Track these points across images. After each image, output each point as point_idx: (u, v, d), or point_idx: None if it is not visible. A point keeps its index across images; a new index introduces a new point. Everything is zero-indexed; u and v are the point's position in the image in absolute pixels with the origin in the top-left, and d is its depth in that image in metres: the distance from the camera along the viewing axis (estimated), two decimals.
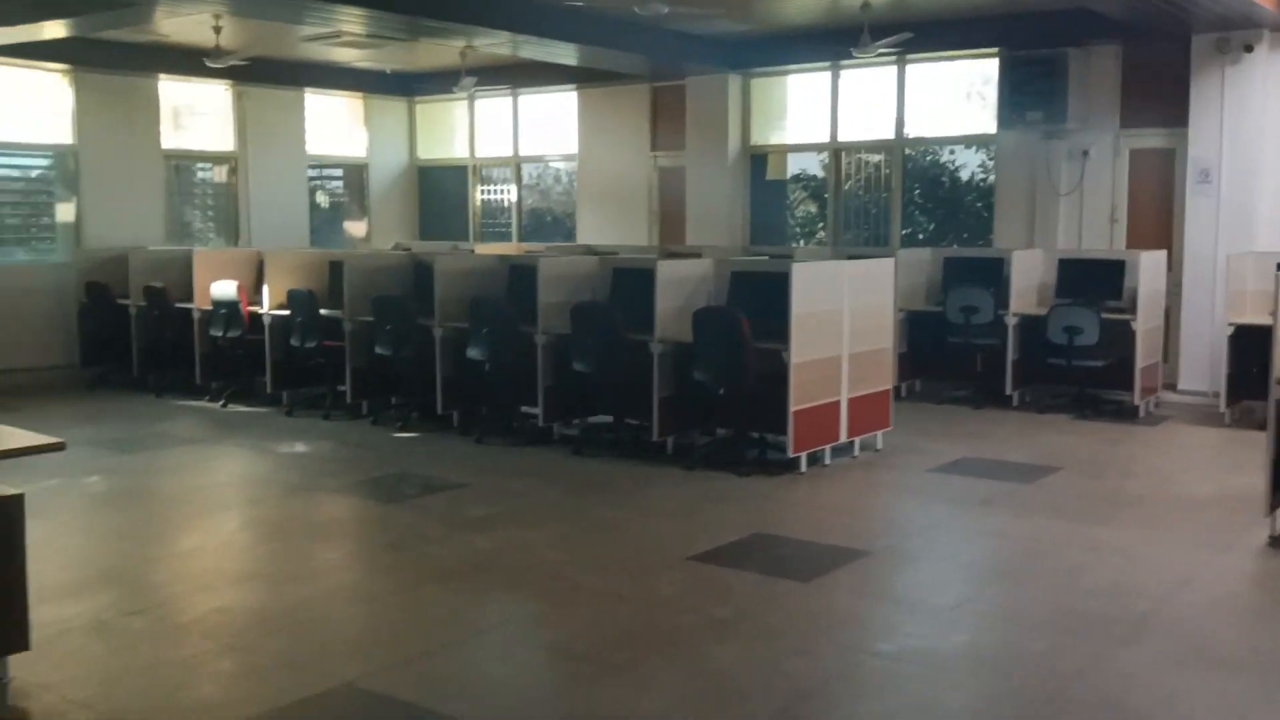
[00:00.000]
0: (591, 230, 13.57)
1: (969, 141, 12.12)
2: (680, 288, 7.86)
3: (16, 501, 4.01)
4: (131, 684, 4.08)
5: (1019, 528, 6.11)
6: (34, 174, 11.92)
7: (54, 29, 9.66)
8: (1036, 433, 8.74)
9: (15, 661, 4.03)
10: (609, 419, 8.41)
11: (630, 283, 8.40)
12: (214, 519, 6.43)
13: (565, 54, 11.61)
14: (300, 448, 8.41)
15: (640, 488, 7.04)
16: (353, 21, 10.08)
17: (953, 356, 10.10)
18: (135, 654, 4.36)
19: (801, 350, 7.16)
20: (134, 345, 10.97)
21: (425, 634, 4.59)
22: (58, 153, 11.81)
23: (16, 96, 11.52)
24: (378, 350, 8.98)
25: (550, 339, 8.17)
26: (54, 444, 4.01)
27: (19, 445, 3.97)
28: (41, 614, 4.65)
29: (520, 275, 8.90)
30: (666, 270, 7.76)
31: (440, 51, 12.35)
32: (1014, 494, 6.81)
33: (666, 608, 4.85)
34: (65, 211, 11.91)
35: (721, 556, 5.51)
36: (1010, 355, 9.58)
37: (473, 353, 8.39)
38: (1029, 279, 9.85)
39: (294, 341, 9.51)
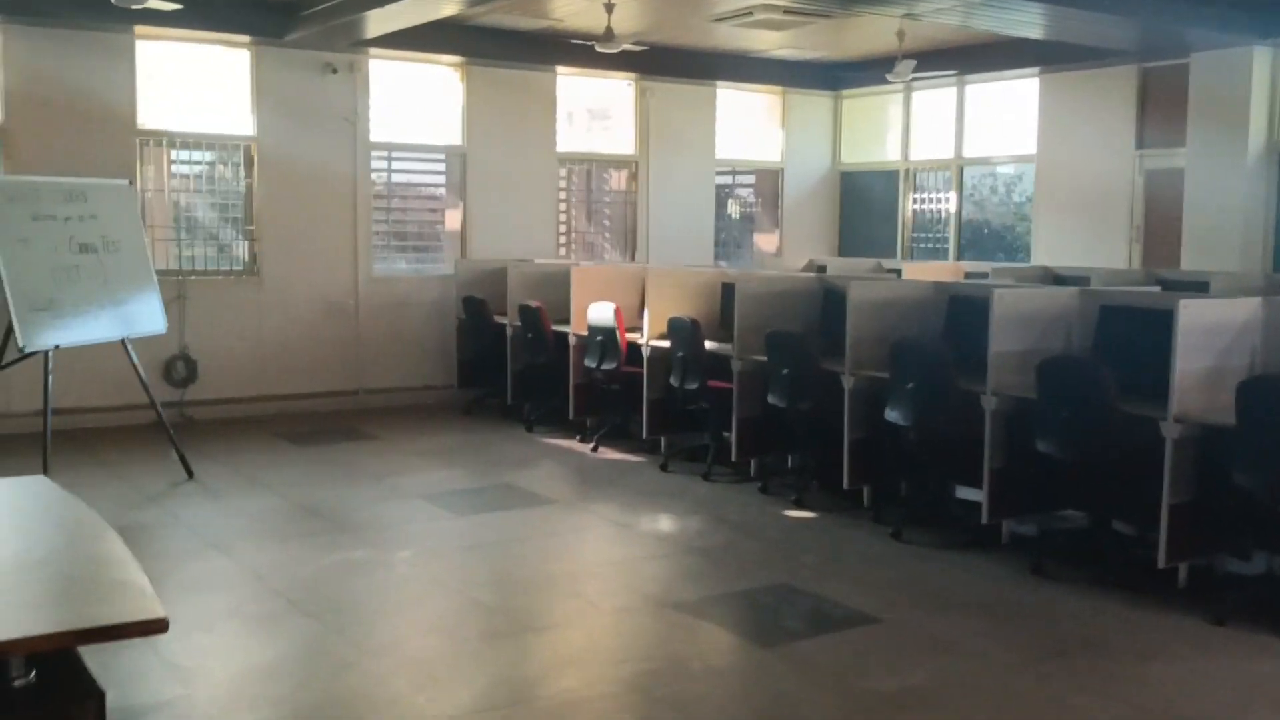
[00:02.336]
0: (1051, 248, 10.92)
1: None
2: (1216, 338, 5.27)
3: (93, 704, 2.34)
4: None
5: None
6: (425, 178, 11.01)
7: (450, 3, 8.44)
8: None
9: None
10: (1082, 516, 5.96)
11: (1125, 327, 5.89)
12: (510, 647, 4.64)
13: (1029, 23, 9.12)
14: (666, 524, 6.59)
15: (1144, 657, 4.55)
16: None
17: None
18: None
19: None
20: (509, 369, 9.71)
21: None
22: (448, 155, 10.82)
23: (412, 95, 10.63)
24: (771, 400, 7.01)
25: (1004, 402, 5.81)
26: (153, 622, 2.30)
27: (109, 622, 2.30)
28: None
29: (963, 310, 6.61)
30: (1196, 313, 5.19)
31: (872, 31, 10.23)
32: None
33: None
34: (452, 219, 10.90)
35: None
36: None
37: (893, 414, 6.20)
38: None
39: (673, 380, 7.75)
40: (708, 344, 7.61)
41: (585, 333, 8.59)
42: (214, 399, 9.64)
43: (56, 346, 6.66)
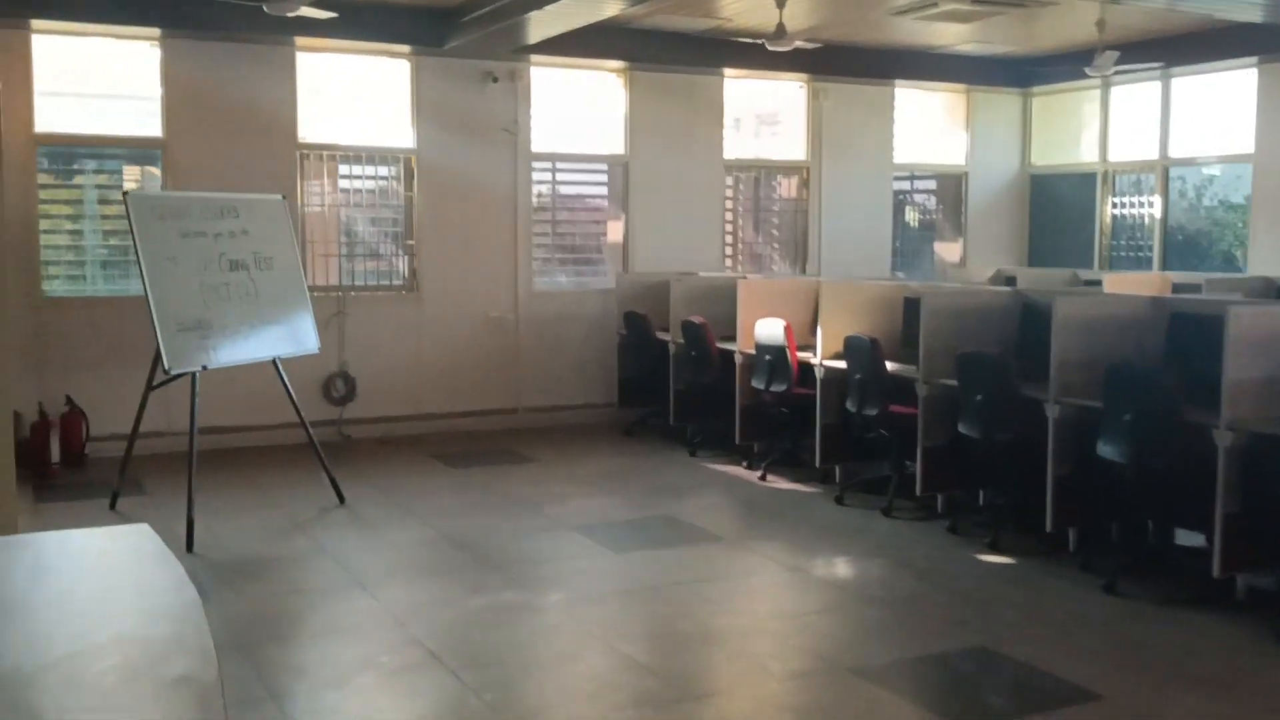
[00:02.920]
0: (1270, 256, 9.83)
1: None
2: None
3: None
4: None
5: None
6: (587, 189, 10.60)
7: (613, 2, 7.98)
8: None
9: None
10: None
11: None
12: (668, 719, 4.10)
13: (1247, 6, 8.17)
14: (843, 568, 5.95)
15: None
16: None
17: None
18: None
19: None
20: (670, 388, 9.20)
21: None
22: (611, 164, 10.39)
23: (574, 103, 10.24)
24: (961, 428, 6.30)
25: (1240, 439, 5.00)
26: None
27: None
28: None
29: (1188, 329, 5.78)
30: None
31: (1067, 22, 9.37)
32: None
33: None
34: (614, 230, 10.47)
35: None
36: None
37: (1106, 449, 5.43)
38: None
39: (850, 404, 7.10)
40: (889, 365, 6.94)
41: (753, 351, 8.02)
42: (372, 417, 9.42)
43: (204, 368, 6.43)
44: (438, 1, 8.76)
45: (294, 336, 7.16)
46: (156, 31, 8.55)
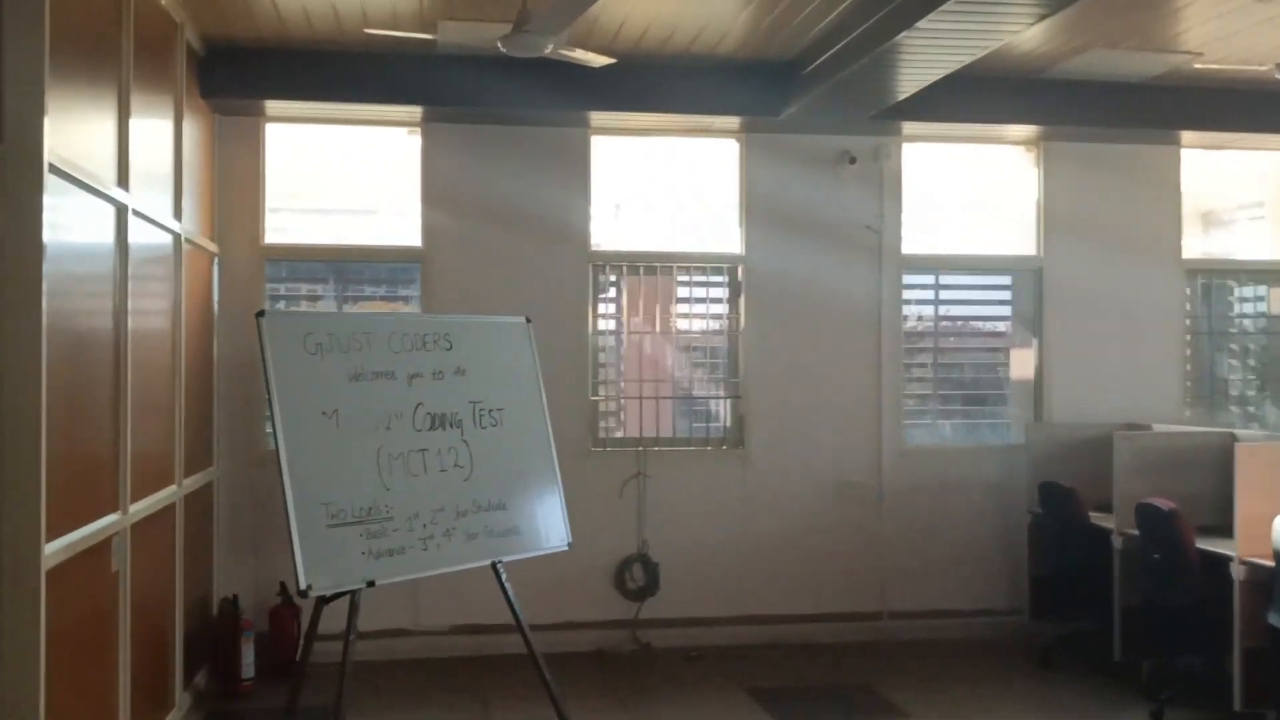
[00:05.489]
0: None
1: None
2: None
3: None
4: None
5: None
6: (982, 308, 7.72)
7: (1016, 18, 5.38)
8: None
9: None
10: None
11: None
12: None
13: None
14: None
15: None
16: None
17: None
18: None
19: None
20: (1115, 601, 6.06)
21: None
22: (1016, 272, 7.50)
23: (962, 190, 7.51)
24: None
25: None
26: None
27: None
28: None
29: None
30: None
31: None
32: None
33: None
34: (1021, 363, 7.50)
35: None
36: None
37: None
38: None
39: None
40: None
41: (1267, 562, 4.84)
42: (678, 618, 6.90)
43: (370, 583, 4.13)
44: (768, 53, 6.37)
45: (533, 529, 4.77)
46: (418, 111, 6.67)
